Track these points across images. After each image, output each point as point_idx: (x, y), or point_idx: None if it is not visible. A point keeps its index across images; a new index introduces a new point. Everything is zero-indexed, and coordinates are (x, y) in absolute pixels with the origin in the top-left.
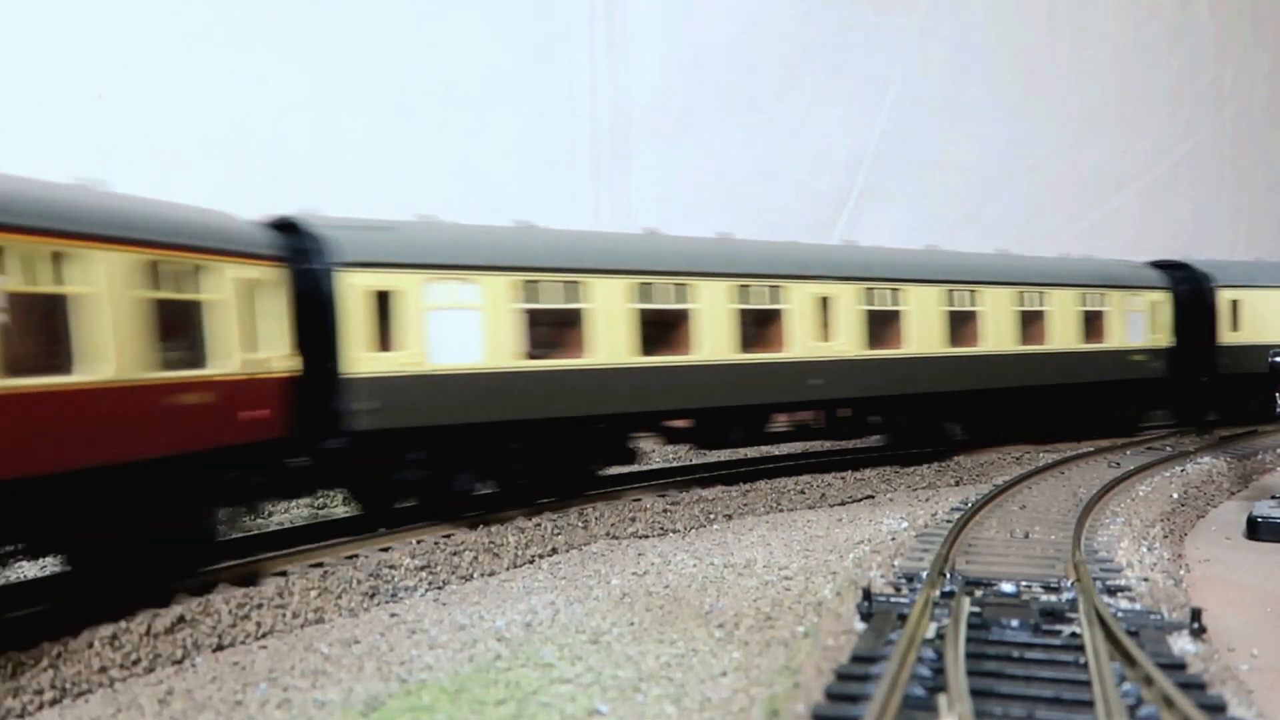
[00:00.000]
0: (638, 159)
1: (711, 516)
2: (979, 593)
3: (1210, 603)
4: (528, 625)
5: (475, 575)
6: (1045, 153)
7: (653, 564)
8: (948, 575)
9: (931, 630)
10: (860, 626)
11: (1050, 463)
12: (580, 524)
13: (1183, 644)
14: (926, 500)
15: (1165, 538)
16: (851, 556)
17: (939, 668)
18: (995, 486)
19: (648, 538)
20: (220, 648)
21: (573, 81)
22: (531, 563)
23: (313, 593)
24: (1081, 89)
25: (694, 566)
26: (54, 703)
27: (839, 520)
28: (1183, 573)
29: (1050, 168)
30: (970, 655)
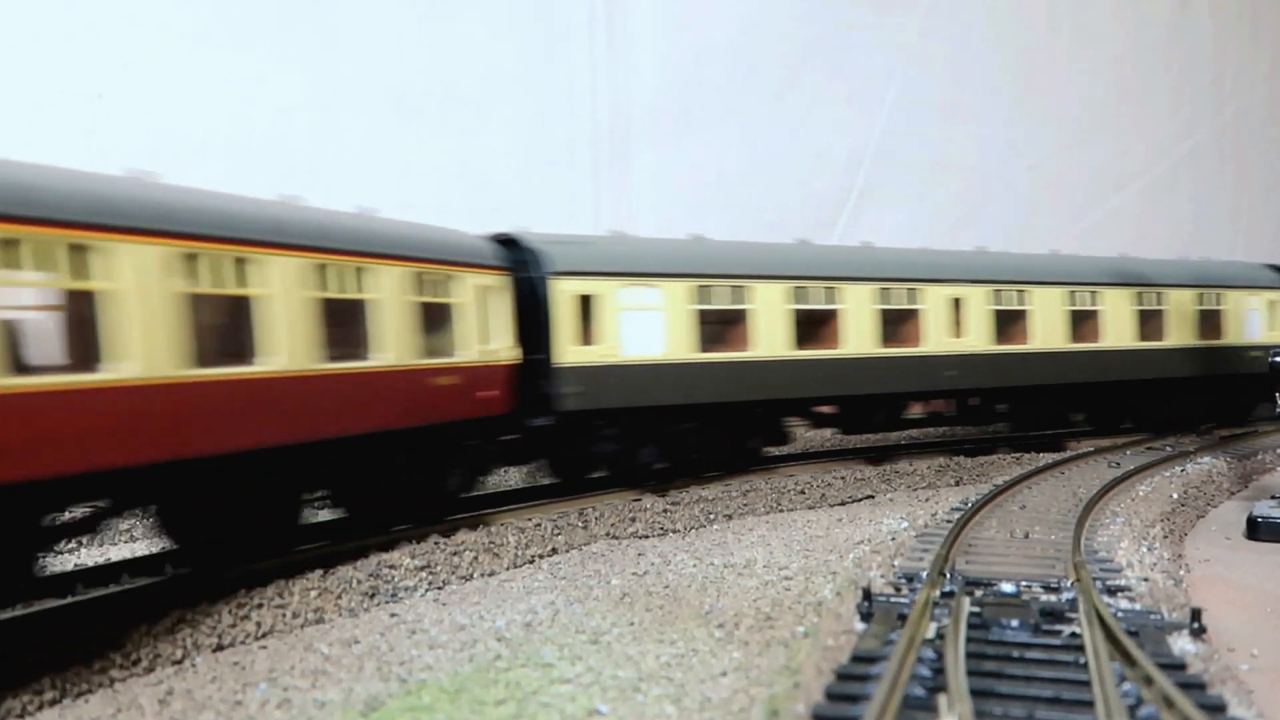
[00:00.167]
0: (638, 159)
1: (711, 516)
2: (979, 593)
3: (1210, 603)
4: (528, 625)
5: (475, 575)
6: (1045, 153)
7: (653, 564)
8: (948, 575)
9: (931, 630)
10: (860, 626)
11: (1050, 463)
12: (580, 524)
13: (1183, 644)
14: (926, 500)
15: (1165, 538)
16: (851, 556)
17: (939, 668)
18: (995, 486)
19: (648, 538)
20: (220, 648)
21: (573, 81)
22: (531, 563)
23: (313, 593)
24: (1081, 89)
25: (694, 566)
26: (54, 703)
27: (839, 520)
28: (1183, 573)
29: (1050, 168)
30: (970, 655)
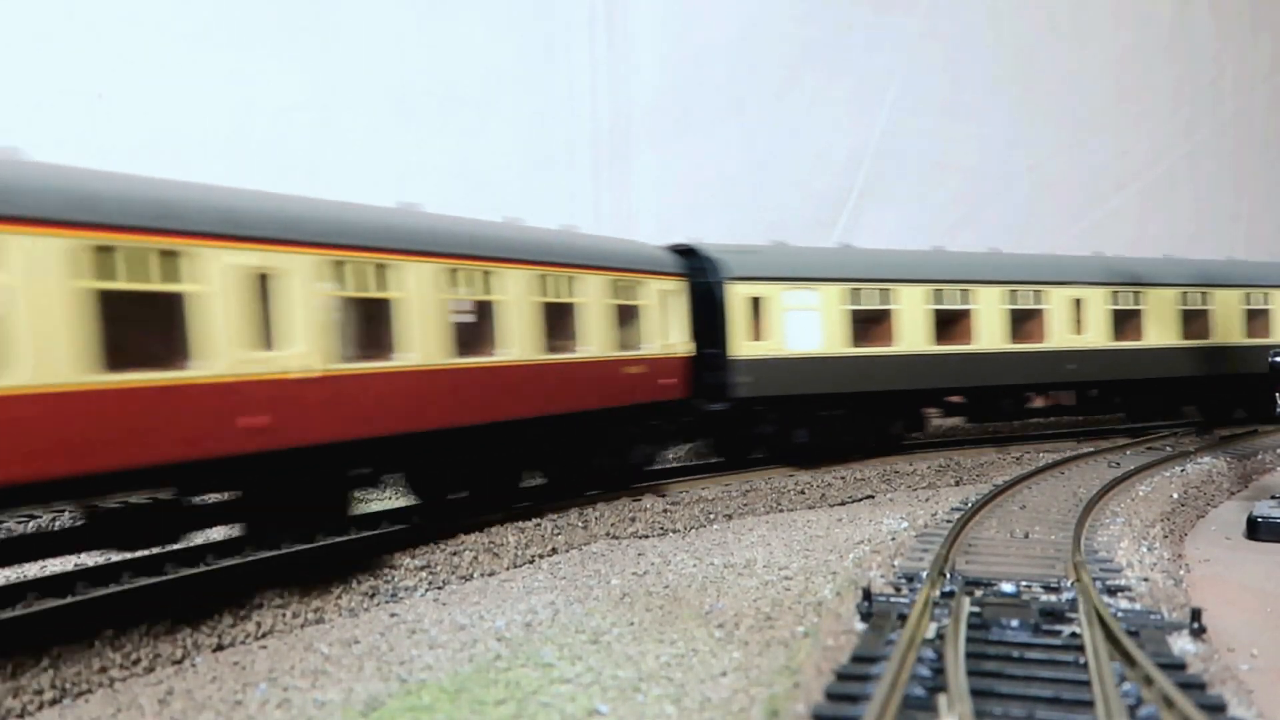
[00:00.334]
0: (638, 159)
1: (711, 516)
2: (979, 593)
3: (1210, 603)
4: (528, 625)
5: (475, 575)
6: (1045, 153)
7: (653, 564)
8: (948, 575)
9: (931, 630)
10: (860, 626)
11: (1050, 463)
12: (580, 524)
13: (1183, 644)
14: (926, 500)
15: (1165, 538)
16: (851, 556)
17: (939, 668)
18: (995, 486)
19: (648, 538)
20: (220, 648)
21: (573, 81)
22: (531, 563)
23: (313, 593)
24: (1081, 89)
25: (694, 566)
26: (54, 703)
27: (839, 520)
28: (1183, 573)
29: (1050, 168)
30: (970, 655)
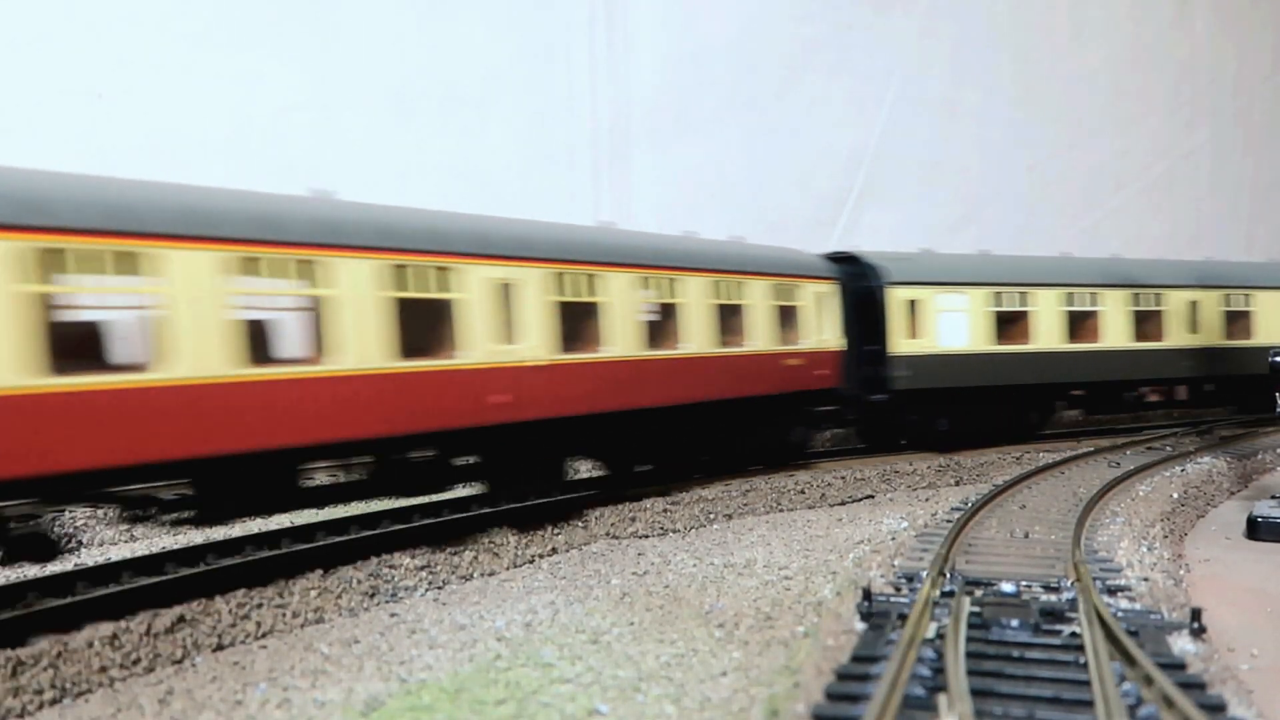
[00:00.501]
0: (638, 159)
1: (711, 516)
2: (979, 592)
3: (1210, 603)
4: (528, 625)
5: (475, 575)
6: (1045, 153)
7: (653, 564)
8: (948, 575)
9: (931, 630)
10: (860, 626)
11: (1050, 463)
12: (580, 524)
13: (1183, 644)
14: (926, 500)
15: (1165, 538)
16: (851, 556)
17: (939, 668)
18: (995, 486)
19: (648, 537)
20: (220, 648)
21: (573, 81)
22: (531, 562)
23: (313, 592)
24: (1081, 89)
25: (694, 566)
26: (54, 703)
27: (839, 520)
28: (1183, 573)
29: (1050, 168)
30: (970, 655)
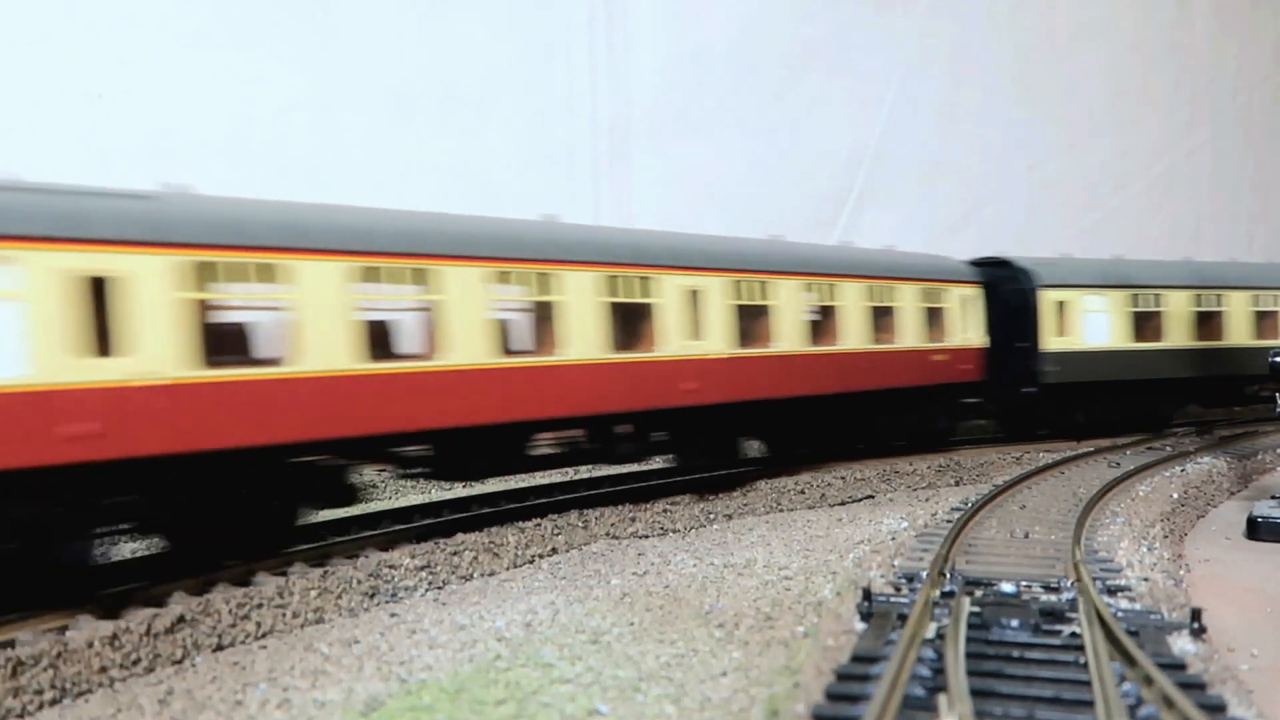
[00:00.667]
0: (638, 159)
1: (711, 516)
2: (979, 593)
3: (1210, 603)
4: (528, 625)
5: (475, 575)
6: (1045, 153)
7: (653, 564)
8: (948, 575)
9: (931, 630)
10: (860, 626)
11: (1050, 463)
12: (580, 524)
13: (1183, 644)
14: (926, 500)
15: (1165, 538)
16: (851, 556)
17: (939, 668)
18: (995, 486)
19: (648, 538)
20: (220, 648)
21: (573, 81)
22: (531, 563)
23: (313, 593)
24: (1081, 89)
25: (694, 566)
26: (54, 703)
27: (839, 520)
28: (1183, 573)
29: (1050, 168)
30: (970, 655)
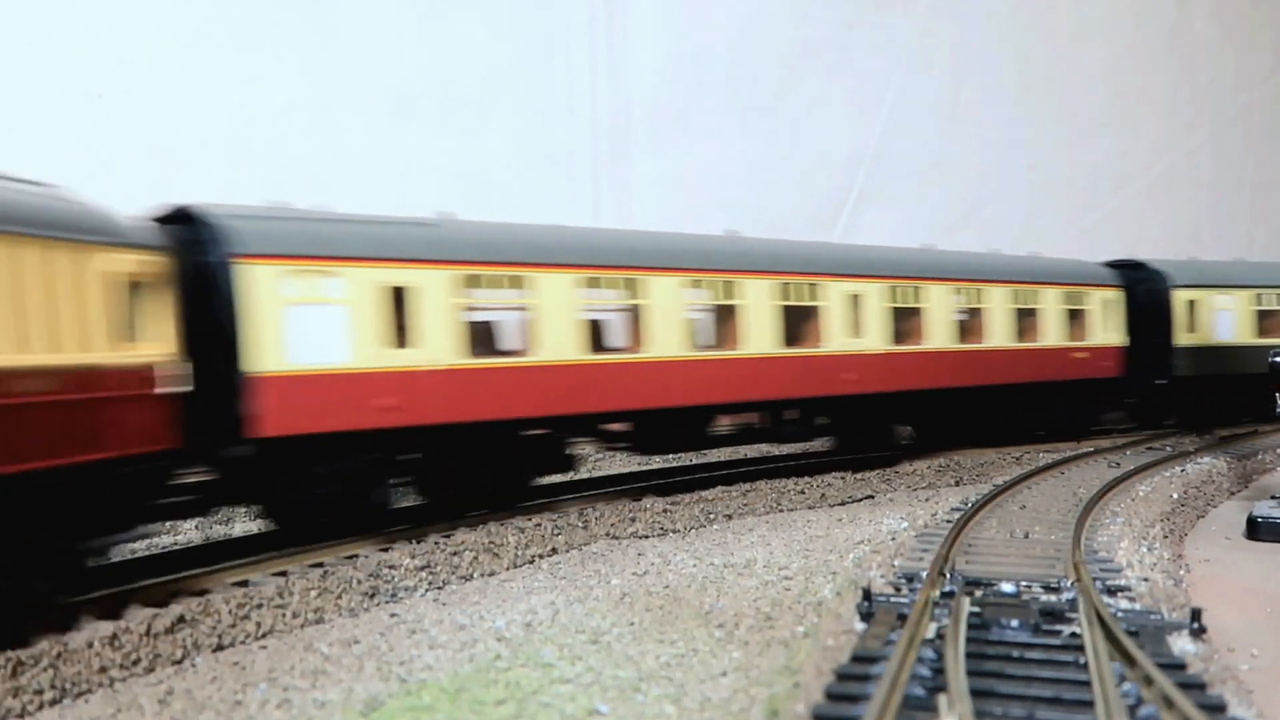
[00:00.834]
0: (638, 159)
1: (711, 516)
2: (979, 593)
3: (1210, 603)
4: (528, 625)
5: (475, 575)
6: (1045, 153)
7: (653, 564)
8: (948, 575)
9: (931, 630)
10: (860, 626)
11: (1050, 463)
12: (580, 524)
13: (1183, 644)
14: (926, 500)
15: (1165, 538)
16: (851, 556)
17: (939, 668)
18: (995, 486)
19: (648, 538)
20: (220, 648)
21: (573, 81)
22: (531, 563)
23: (313, 593)
24: (1081, 89)
25: (694, 566)
26: (54, 703)
27: (839, 520)
28: (1183, 573)
29: (1050, 168)
30: (970, 655)
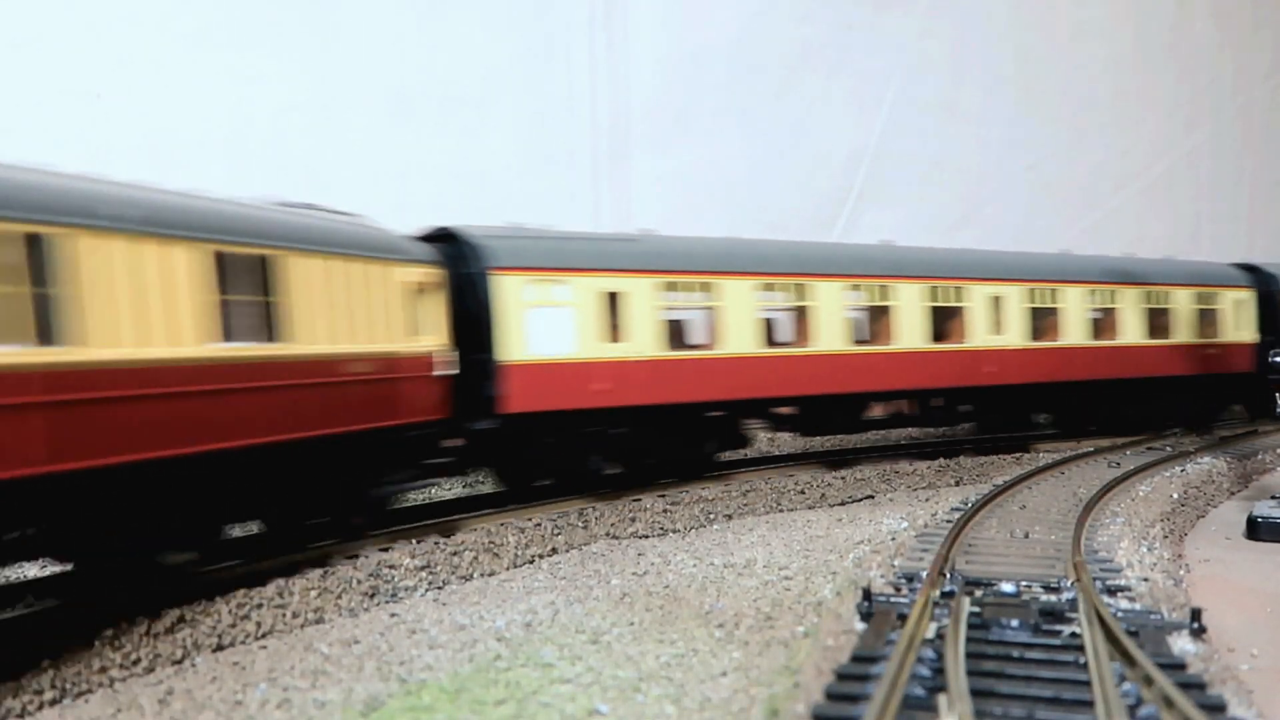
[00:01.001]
0: (638, 159)
1: (711, 516)
2: (979, 593)
3: (1210, 603)
4: (528, 625)
5: (475, 575)
6: (1045, 153)
7: (653, 564)
8: (948, 575)
9: (931, 630)
10: (860, 626)
11: (1050, 463)
12: (580, 524)
13: (1183, 644)
14: (926, 500)
15: (1165, 538)
16: (851, 556)
17: (939, 668)
18: (995, 486)
19: (648, 538)
20: (220, 648)
21: (573, 81)
22: (531, 563)
23: (313, 593)
24: (1081, 89)
25: (694, 566)
26: (54, 703)
27: (839, 520)
28: (1183, 573)
29: (1050, 168)
30: (970, 655)
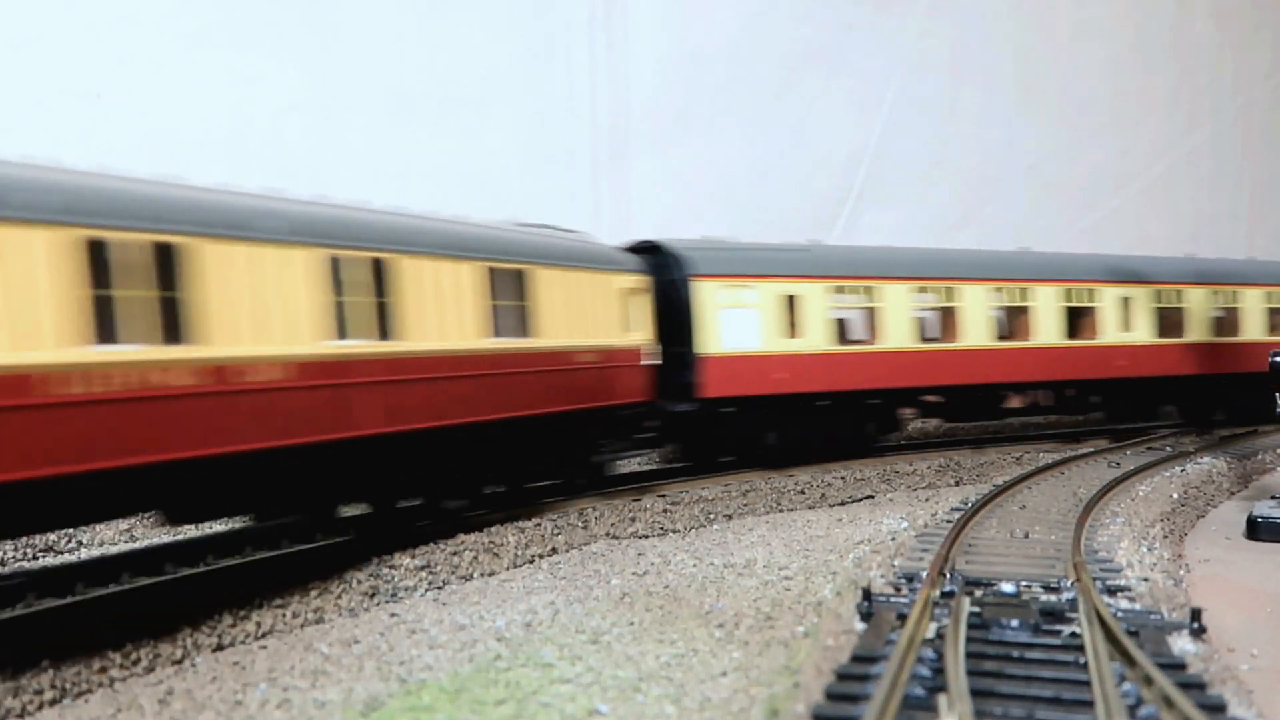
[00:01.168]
0: (637, 159)
1: (711, 516)
2: (979, 593)
3: (1210, 603)
4: (528, 625)
5: (475, 575)
6: (1045, 153)
7: (653, 564)
8: (948, 575)
9: (931, 630)
10: (860, 626)
11: (1050, 463)
12: (580, 524)
13: (1183, 644)
14: (926, 500)
15: (1165, 538)
16: (851, 556)
17: (939, 668)
18: (995, 486)
19: (648, 538)
20: (220, 648)
21: (573, 81)
22: (531, 563)
23: (313, 593)
24: (1081, 89)
25: (694, 566)
26: (54, 703)
27: (839, 520)
28: (1183, 573)
29: (1050, 168)
30: (970, 655)
